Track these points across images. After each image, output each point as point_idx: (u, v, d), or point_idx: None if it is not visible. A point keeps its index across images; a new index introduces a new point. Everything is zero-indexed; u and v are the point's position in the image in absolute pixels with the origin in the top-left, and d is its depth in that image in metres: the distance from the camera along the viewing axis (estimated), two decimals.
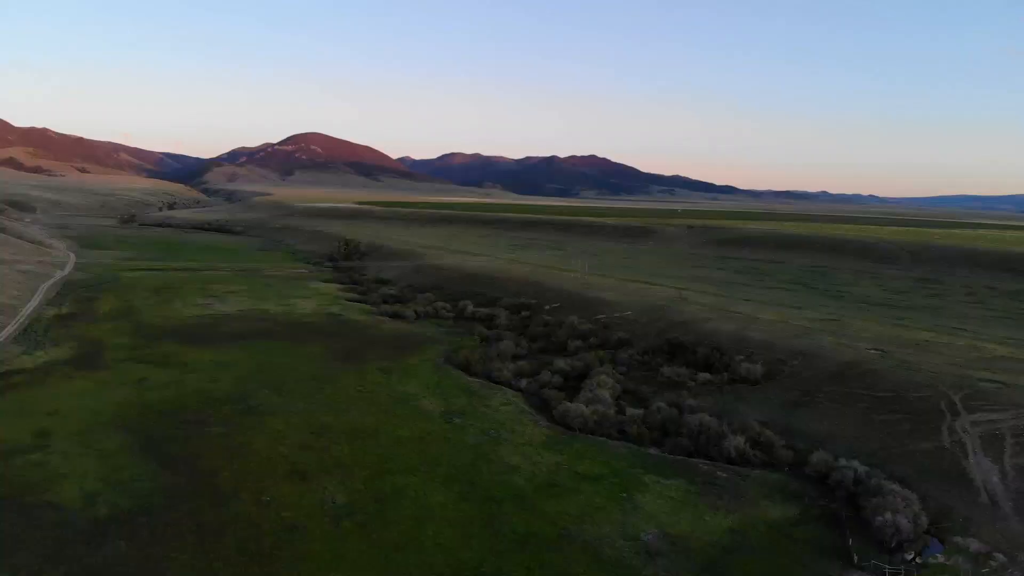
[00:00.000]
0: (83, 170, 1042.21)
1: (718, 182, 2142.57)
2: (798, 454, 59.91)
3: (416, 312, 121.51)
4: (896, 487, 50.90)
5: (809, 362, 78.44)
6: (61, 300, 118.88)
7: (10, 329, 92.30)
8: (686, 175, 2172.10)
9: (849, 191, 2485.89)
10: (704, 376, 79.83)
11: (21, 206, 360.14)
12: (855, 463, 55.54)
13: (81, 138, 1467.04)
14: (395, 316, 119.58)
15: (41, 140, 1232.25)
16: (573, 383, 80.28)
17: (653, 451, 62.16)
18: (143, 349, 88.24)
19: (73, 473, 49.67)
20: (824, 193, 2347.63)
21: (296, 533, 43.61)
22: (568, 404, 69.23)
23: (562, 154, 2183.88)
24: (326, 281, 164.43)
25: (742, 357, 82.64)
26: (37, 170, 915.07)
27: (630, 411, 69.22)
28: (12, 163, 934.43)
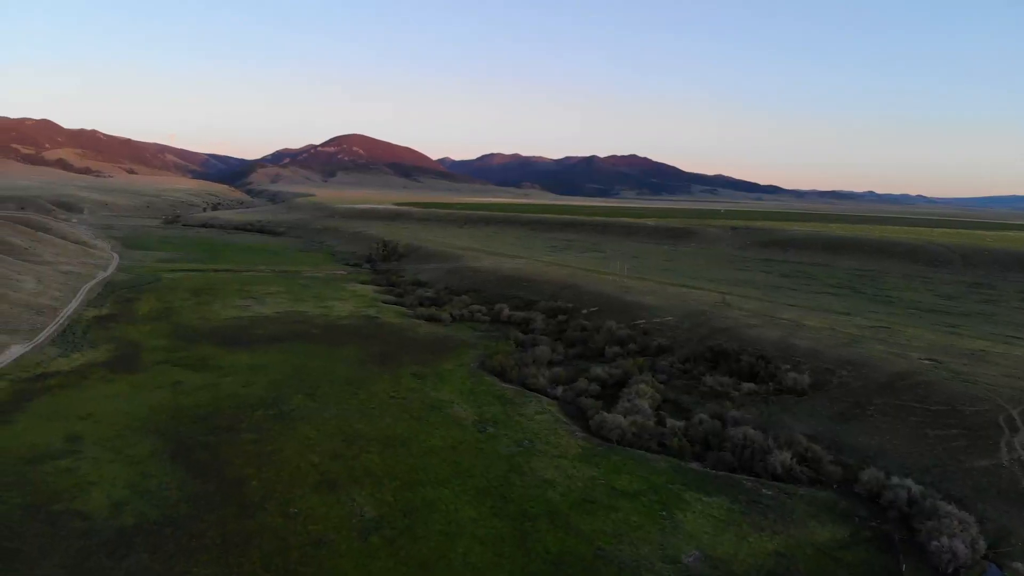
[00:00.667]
0: (131, 171, 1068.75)
1: (762, 182, 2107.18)
2: (847, 471, 57.03)
3: (452, 315, 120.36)
4: (952, 508, 48.03)
5: (858, 372, 74.93)
6: (102, 301, 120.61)
7: (49, 330, 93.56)
8: (729, 174, 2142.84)
9: (896, 191, 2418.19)
10: (748, 386, 76.78)
11: (69, 206, 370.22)
12: (908, 481, 52.51)
13: (129, 139, 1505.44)
14: (431, 319, 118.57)
15: (90, 141, 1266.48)
16: (611, 391, 78.03)
17: (694, 466, 59.64)
18: (180, 351, 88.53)
19: (102, 480, 49.28)
20: (870, 193, 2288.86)
21: (323, 548, 42.33)
22: (605, 414, 66.94)
23: (602, 154, 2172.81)
24: (364, 283, 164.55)
25: (788, 366, 79.35)
26: (86, 171, 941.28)
27: (670, 422, 66.69)
28: (62, 164, 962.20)
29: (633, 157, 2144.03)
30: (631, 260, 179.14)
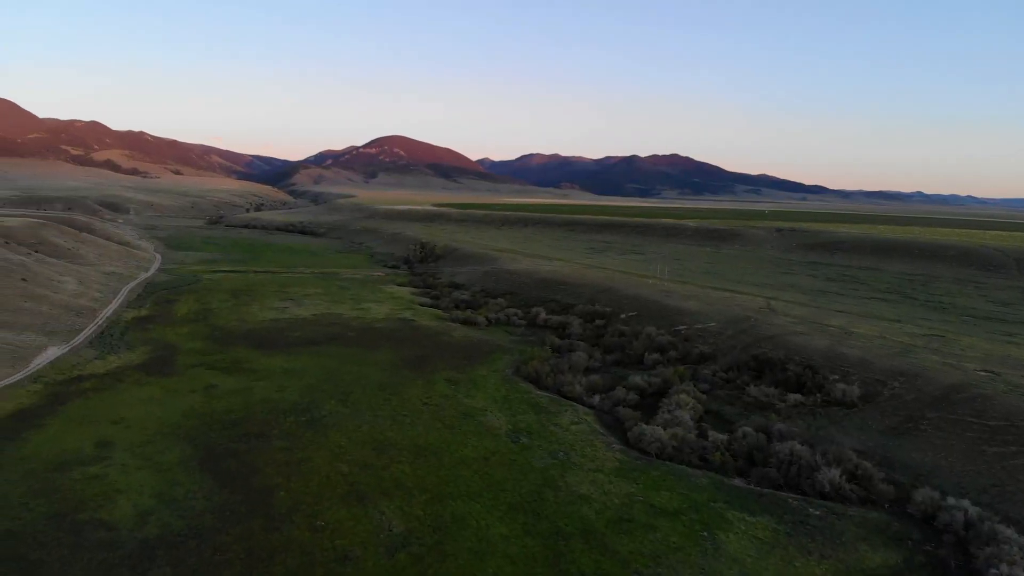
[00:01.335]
0: (177, 172, 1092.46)
1: (807, 181, 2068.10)
2: (900, 489, 53.79)
3: (487, 318, 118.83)
4: (1012, 533, 44.83)
5: (911, 384, 70.98)
6: (141, 302, 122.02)
7: (88, 332, 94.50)
8: (773, 174, 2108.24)
9: (945, 191, 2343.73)
10: (795, 397, 73.48)
11: (115, 207, 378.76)
12: (965, 502, 49.20)
13: (175, 141, 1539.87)
14: (466, 322, 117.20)
15: (138, 143, 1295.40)
16: (650, 400, 75.47)
17: (738, 482, 56.81)
18: (215, 354, 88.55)
19: (129, 489, 48.69)
20: (918, 193, 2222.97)
21: (348, 565, 40.92)
22: (644, 426, 64.43)
23: (643, 153, 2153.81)
24: (401, 284, 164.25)
25: (836, 376, 75.79)
26: (133, 172, 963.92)
27: (713, 435, 63.93)
28: (110, 165, 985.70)
29: (675, 156, 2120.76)
30: (672, 263, 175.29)
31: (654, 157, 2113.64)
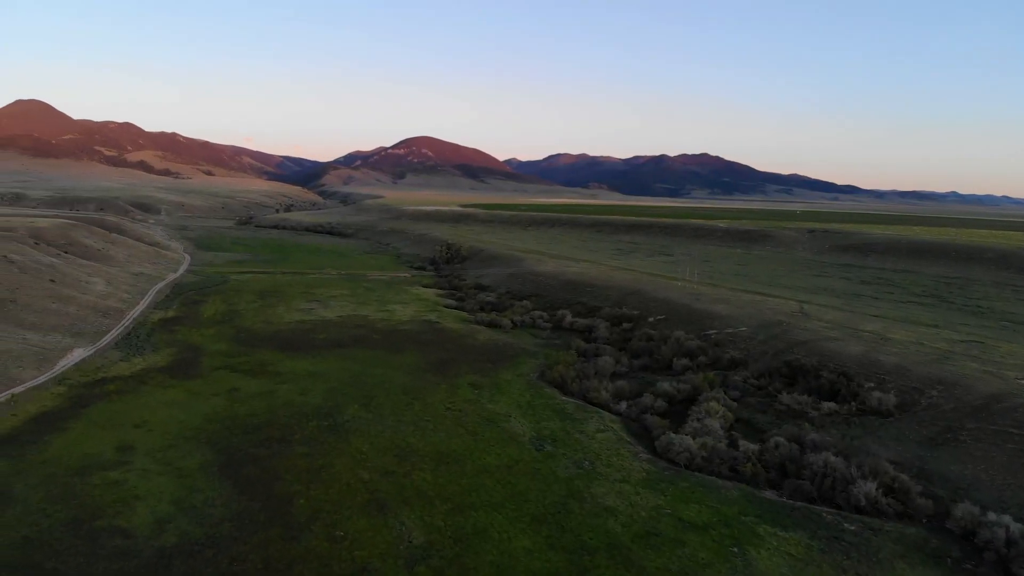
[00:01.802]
0: (208, 172, 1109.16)
1: (839, 181, 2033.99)
2: (938, 504, 51.25)
3: (512, 321, 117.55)
4: None
5: (950, 392, 68.18)
6: (169, 303, 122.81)
7: (114, 333, 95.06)
8: (805, 174, 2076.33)
9: (980, 191, 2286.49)
10: (829, 405, 71.03)
11: (147, 207, 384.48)
12: (1006, 518, 46.56)
13: (207, 142, 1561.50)
14: (491, 325, 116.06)
15: (170, 144, 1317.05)
16: (679, 408, 73.51)
17: (769, 495, 54.76)
18: (240, 356, 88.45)
19: (148, 495, 48.22)
20: (953, 194, 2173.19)
21: None
22: (672, 435, 62.57)
23: (672, 153, 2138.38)
24: (426, 286, 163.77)
25: (872, 384, 73.20)
26: (166, 172, 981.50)
27: (744, 445, 61.88)
28: (143, 166, 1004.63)
29: (704, 156, 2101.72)
30: (701, 264, 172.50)
31: (683, 156, 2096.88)
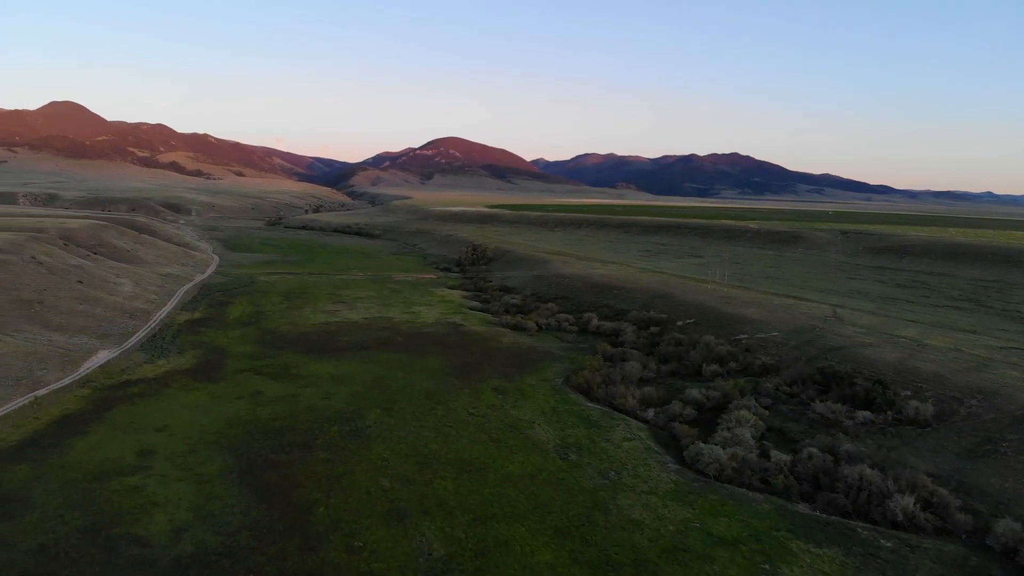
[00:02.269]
0: (239, 173, 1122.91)
1: (872, 181, 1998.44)
2: (978, 519, 48.87)
3: (538, 324, 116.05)
4: None
5: (989, 402, 65.38)
6: (196, 304, 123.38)
7: (140, 335, 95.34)
8: (837, 173, 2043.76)
9: (1017, 192, 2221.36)
10: (864, 415, 68.49)
11: (177, 208, 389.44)
12: None
13: (238, 143, 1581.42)
14: (516, 328, 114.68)
15: (202, 145, 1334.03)
16: (708, 416, 71.52)
17: (802, 508, 52.66)
18: (264, 359, 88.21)
19: (167, 502, 47.67)
20: (988, 194, 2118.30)
21: None
22: (701, 444, 60.66)
23: (701, 152, 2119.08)
24: (452, 287, 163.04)
25: (909, 393, 70.56)
26: (197, 173, 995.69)
27: (775, 455, 59.74)
28: (175, 167, 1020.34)
29: (735, 155, 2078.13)
30: (732, 266, 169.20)
31: (713, 156, 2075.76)
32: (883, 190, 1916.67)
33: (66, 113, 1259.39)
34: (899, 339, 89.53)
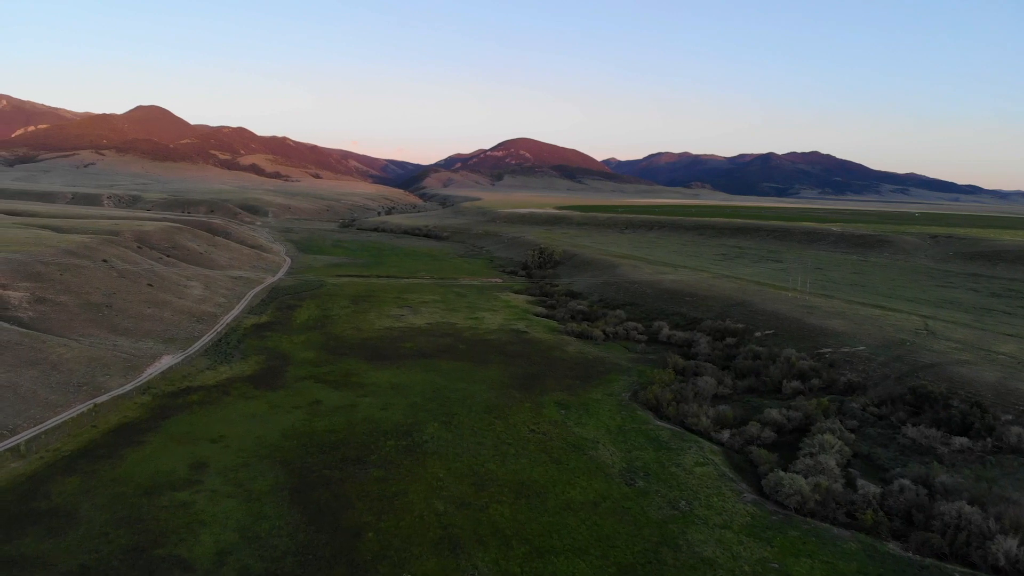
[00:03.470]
0: (316, 176, 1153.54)
1: (959, 181, 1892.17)
2: None
3: (605, 332, 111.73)
4: None
5: None
6: (264, 308, 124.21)
7: (204, 340, 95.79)
8: (922, 172, 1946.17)
9: None
10: (960, 441, 62.32)
11: (255, 210, 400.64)
12: None
13: (316, 146, 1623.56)
14: (582, 336, 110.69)
15: (281, 148, 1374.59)
16: (788, 438, 66.20)
17: (893, 547, 47.34)
18: (326, 365, 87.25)
19: (214, 520, 46.15)
20: None
21: None
22: (782, 473, 55.62)
23: (780, 151, 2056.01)
24: (517, 292, 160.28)
25: (1010, 417, 64.36)
26: (276, 175, 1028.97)
27: (863, 486, 54.45)
28: (254, 169, 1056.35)
29: (814, 154, 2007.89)
30: (813, 272, 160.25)
31: (792, 155, 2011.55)
32: (971, 190, 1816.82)
33: (152, 117, 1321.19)
34: (998, 356, 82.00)
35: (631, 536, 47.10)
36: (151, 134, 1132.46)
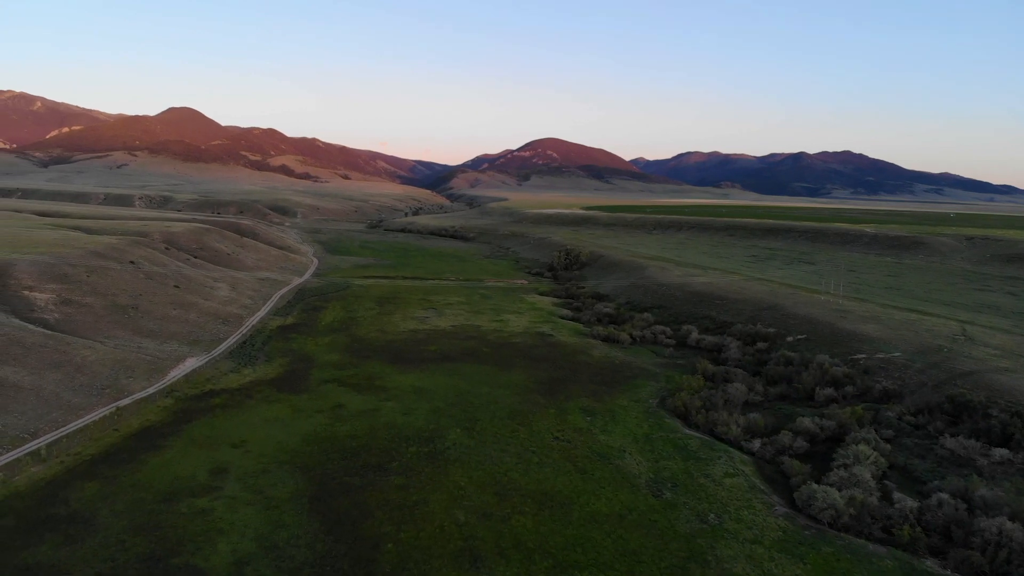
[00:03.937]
0: (345, 176, 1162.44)
1: (995, 180, 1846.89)
2: None
3: (632, 336, 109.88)
4: None
5: None
6: (289, 309, 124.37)
7: (229, 341, 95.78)
8: (957, 172, 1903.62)
9: None
10: (1000, 452, 60.00)
11: (284, 210, 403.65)
12: None
13: (344, 147, 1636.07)
14: (608, 339, 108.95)
15: (310, 149, 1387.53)
16: (821, 448, 64.13)
17: (931, 565, 45.50)
18: (349, 368, 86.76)
19: (232, 528, 45.56)
20: None
21: None
22: (815, 485, 53.62)
23: (811, 150, 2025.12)
24: (543, 294, 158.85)
25: None
26: (305, 176, 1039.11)
27: (899, 500, 52.43)
28: (284, 170, 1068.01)
29: (847, 153, 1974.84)
30: (847, 275, 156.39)
31: (824, 154, 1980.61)
32: (1007, 190, 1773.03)
33: (183, 118, 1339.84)
34: None
35: (658, 551, 45.59)
36: (183, 135, 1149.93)
